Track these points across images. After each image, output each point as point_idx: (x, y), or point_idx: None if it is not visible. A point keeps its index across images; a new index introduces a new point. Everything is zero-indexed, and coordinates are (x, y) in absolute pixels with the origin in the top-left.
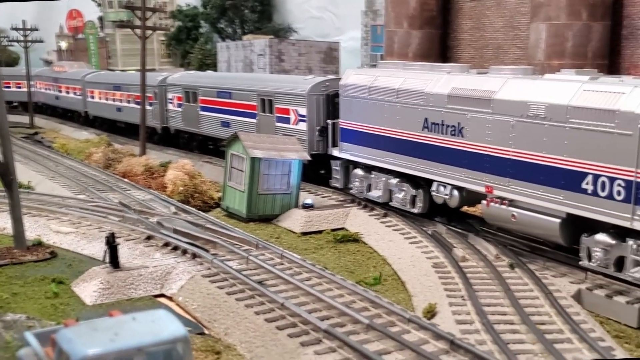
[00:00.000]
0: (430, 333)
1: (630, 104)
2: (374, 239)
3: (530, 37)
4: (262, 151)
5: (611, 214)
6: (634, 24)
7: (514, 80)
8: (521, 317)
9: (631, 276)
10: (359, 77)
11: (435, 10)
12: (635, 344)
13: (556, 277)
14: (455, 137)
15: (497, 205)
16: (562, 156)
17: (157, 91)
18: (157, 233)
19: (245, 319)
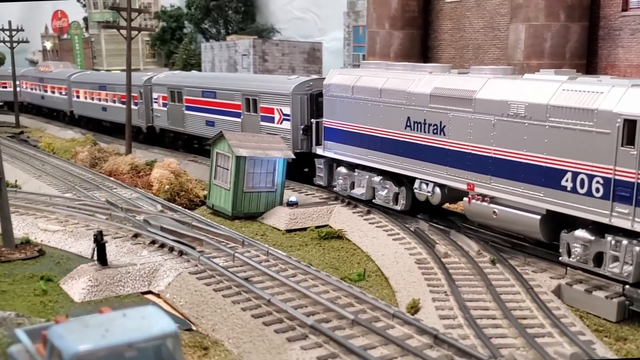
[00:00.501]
0: (414, 328)
1: (608, 103)
2: (358, 235)
3: (510, 37)
4: (247, 150)
5: (590, 210)
6: (610, 25)
7: (495, 80)
8: (503, 311)
9: (610, 271)
10: (342, 77)
11: (416, 11)
12: (614, 337)
13: (537, 272)
14: (437, 136)
15: (478, 202)
16: (542, 154)
17: (143, 91)
18: (144, 231)
19: (232, 315)
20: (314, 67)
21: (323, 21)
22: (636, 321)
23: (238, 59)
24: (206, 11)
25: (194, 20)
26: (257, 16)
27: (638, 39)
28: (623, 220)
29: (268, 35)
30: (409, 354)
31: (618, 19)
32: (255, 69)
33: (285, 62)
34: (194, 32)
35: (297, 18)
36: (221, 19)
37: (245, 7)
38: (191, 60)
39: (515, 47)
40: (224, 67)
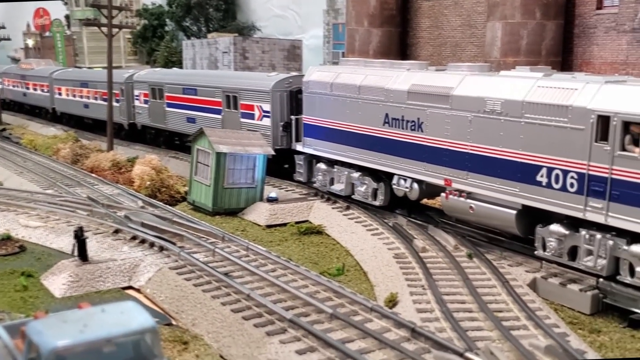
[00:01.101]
0: (392, 321)
1: (583, 100)
2: (337, 231)
3: (487, 35)
4: (227, 146)
5: (565, 205)
6: (585, 23)
7: (471, 77)
8: (479, 305)
9: (584, 265)
10: (321, 74)
11: (394, 9)
12: (588, 330)
13: (512, 266)
14: (415, 132)
15: (455, 197)
16: (518, 150)
17: (124, 88)
18: (125, 227)
19: (212, 310)
20: (294, 65)
21: (303, 19)
22: (610, 314)
23: (219, 56)
24: (187, 9)
25: (175, 18)
26: (238, 14)
27: (612, 36)
28: (597, 214)
29: (248, 33)
30: (386, 347)
31: (593, 17)
32: (236, 66)
33: (265, 59)
34: (175, 29)
35: (277, 16)
36: (202, 17)
37: (226, 5)
38: (172, 58)
39: (492, 45)
40: (205, 65)
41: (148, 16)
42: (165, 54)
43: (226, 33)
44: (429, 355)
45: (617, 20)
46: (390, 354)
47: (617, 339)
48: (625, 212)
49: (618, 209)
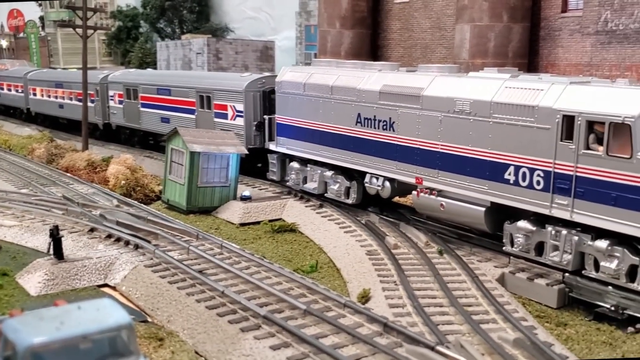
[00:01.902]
0: (364, 317)
1: (548, 100)
2: (310, 228)
3: (456, 37)
4: (201, 145)
5: (532, 202)
6: (550, 26)
7: (441, 78)
8: (450, 300)
9: (550, 260)
10: (294, 75)
11: (365, 11)
12: (555, 323)
13: (482, 262)
14: (386, 132)
15: (426, 195)
16: (487, 149)
17: (99, 88)
18: (100, 225)
19: (187, 307)
20: (267, 65)
21: (275, 20)
22: (575, 307)
23: (192, 57)
24: (161, 11)
25: (149, 19)
26: (211, 16)
27: (576, 39)
28: (562, 211)
29: (222, 34)
30: (359, 342)
31: (558, 20)
32: (210, 67)
33: (238, 60)
34: (150, 31)
35: (250, 17)
36: (176, 19)
37: (199, 7)
38: (147, 59)
39: (461, 47)
40: (179, 65)
41: (122, 18)
42: (139, 55)
43: (200, 34)
44: (401, 349)
45: (581, 23)
46: (363, 348)
47: (583, 332)
48: (589, 208)
49: (583, 205)
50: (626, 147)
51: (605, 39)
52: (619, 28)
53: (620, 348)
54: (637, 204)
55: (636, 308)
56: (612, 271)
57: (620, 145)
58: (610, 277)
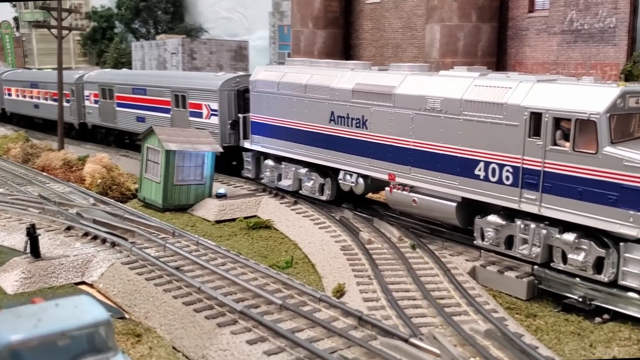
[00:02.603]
0: (339, 310)
1: (517, 98)
2: (285, 225)
3: (426, 37)
4: (176, 144)
5: (501, 197)
6: (518, 25)
7: (413, 77)
8: (423, 293)
9: (520, 253)
10: (268, 74)
11: (338, 11)
12: (524, 314)
13: (453, 255)
14: (359, 129)
15: (399, 191)
16: (457, 145)
17: (74, 88)
18: (77, 223)
19: (164, 303)
20: (241, 65)
21: (249, 21)
22: (544, 299)
23: (167, 57)
24: (136, 11)
25: (124, 20)
26: (186, 16)
27: (543, 38)
28: (531, 205)
29: (196, 34)
30: (335, 335)
31: (525, 20)
32: (184, 66)
33: (213, 60)
34: (125, 31)
35: (224, 18)
36: (151, 19)
37: (174, 8)
38: (122, 59)
39: (431, 46)
40: (154, 65)
41: (97, 18)
42: (114, 55)
43: (174, 35)
44: (376, 342)
45: (547, 23)
46: (339, 341)
47: (551, 323)
48: (556, 202)
49: (550, 200)
50: (592, 143)
51: (570, 38)
52: (584, 27)
53: (588, 338)
54: (603, 198)
55: (603, 299)
56: (580, 263)
57: (586, 141)
58: (577, 269)
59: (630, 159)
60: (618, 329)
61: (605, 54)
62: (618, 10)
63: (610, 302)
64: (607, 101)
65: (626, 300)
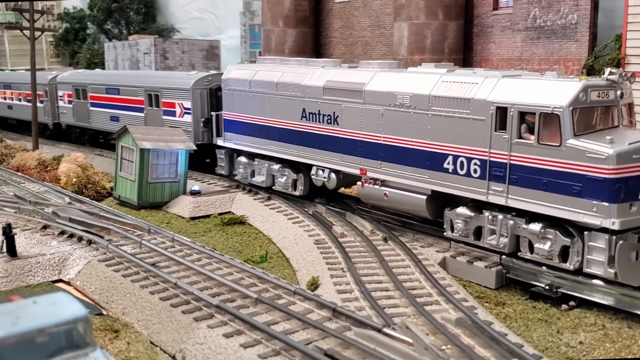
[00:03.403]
0: (314, 303)
1: (483, 93)
2: (259, 220)
3: (394, 35)
4: (150, 142)
5: (469, 189)
6: (483, 23)
7: (382, 73)
8: (395, 284)
9: (488, 243)
10: (240, 72)
11: (308, 10)
12: (494, 303)
13: (424, 247)
14: (331, 125)
15: (370, 185)
16: (426, 140)
17: (48, 89)
18: (53, 222)
19: (141, 299)
20: (213, 64)
21: (220, 20)
22: (512, 287)
23: (140, 57)
24: (108, 12)
25: (96, 21)
26: (158, 17)
27: (508, 35)
28: (498, 197)
29: (168, 34)
30: (310, 327)
31: (490, 17)
32: (157, 66)
33: (185, 59)
34: (97, 32)
35: (195, 18)
36: (123, 20)
37: (146, 9)
38: (95, 60)
39: (400, 44)
40: (127, 66)
41: (70, 20)
42: (87, 55)
43: (147, 35)
44: (350, 332)
45: (511, 20)
46: (314, 333)
47: (520, 311)
48: (522, 194)
49: (516, 191)
50: (555, 136)
51: (534, 35)
52: (546, 24)
53: (555, 324)
54: (567, 189)
55: (569, 286)
56: (546, 252)
57: (550, 134)
58: (544, 258)
59: (592, 150)
60: (584, 315)
61: (567, 49)
62: (579, 7)
63: (576, 290)
64: (569, 95)
65: (591, 287)
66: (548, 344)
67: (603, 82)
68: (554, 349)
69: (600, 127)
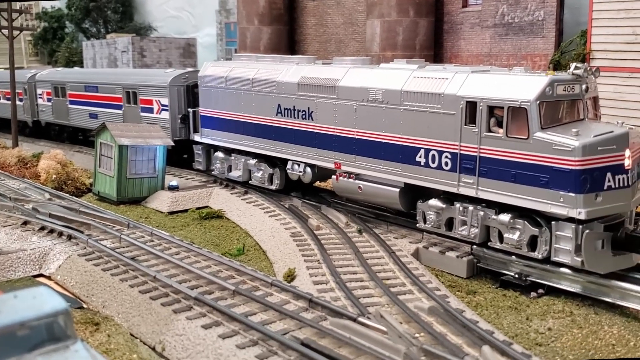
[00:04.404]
0: (291, 294)
1: (453, 88)
2: (236, 214)
3: (367, 32)
4: (128, 139)
5: (441, 182)
6: (453, 20)
7: (355, 70)
8: (369, 274)
9: (459, 234)
10: (216, 69)
11: (282, 8)
12: (465, 291)
13: (398, 238)
14: (306, 121)
15: (345, 179)
16: (399, 134)
17: (27, 87)
18: (34, 218)
19: (121, 292)
20: (190, 61)
21: (196, 19)
22: (483, 276)
23: (118, 55)
24: (86, 12)
25: (74, 20)
26: (135, 15)
27: (477, 31)
28: (468, 189)
29: (145, 32)
30: (286, 317)
31: (459, 15)
32: (135, 64)
33: (162, 57)
34: (75, 31)
35: (172, 16)
36: (101, 19)
37: (123, 8)
38: (73, 58)
39: (372, 41)
40: (105, 64)
41: (48, 19)
42: (66, 54)
43: (124, 33)
44: (326, 322)
45: (480, 17)
46: (290, 323)
47: (490, 299)
48: (492, 185)
49: (486, 183)
50: (523, 129)
51: (502, 31)
52: (514, 21)
53: (525, 311)
54: (535, 180)
55: (538, 275)
56: (515, 242)
57: (518, 127)
58: (513, 247)
59: (559, 143)
60: (552, 302)
61: (534, 45)
62: (546, 4)
63: (545, 278)
64: (536, 89)
65: (559, 275)
66: (518, 331)
67: (569, 76)
68: (523, 335)
69: (567, 120)
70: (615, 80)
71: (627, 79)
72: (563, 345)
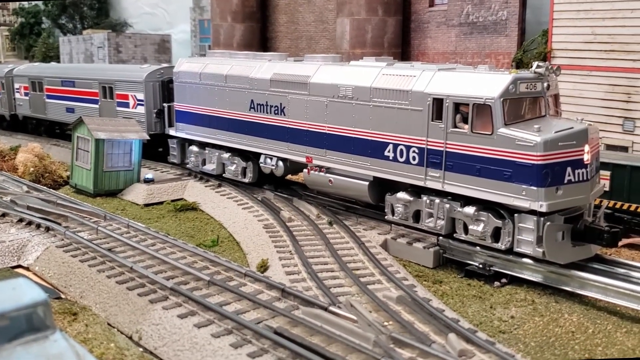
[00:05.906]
0: (264, 284)
1: (420, 85)
2: (210, 206)
3: (337, 30)
4: (105, 133)
5: (409, 175)
6: (420, 19)
7: (326, 67)
8: (340, 265)
9: (426, 226)
10: (190, 65)
11: (255, 6)
12: (432, 281)
13: (367, 230)
14: (278, 116)
15: (316, 172)
16: (368, 129)
17: (4, 82)
18: (12, 210)
19: (98, 283)
20: (164, 57)
21: (171, 15)
22: (449, 266)
23: (94, 51)
24: (62, 7)
25: (51, 16)
26: (111, 12)
27: (443, 30)
28: (435, 182)
29: (121, 29)
30: (260, 307)
31: (426, 14)
32: (111, 59)
33: (137, 53)
34: (52, 27)
35: (147, 13)
36: (77, 15)
37: (99, 4)
38: (50, 53)
39: (342, 38)
40: (82, 59)
41: (25, 14)
42: (43, 49)
43: (100, 29)
44: (298, 311)
45: (446, 16)
46: (264, 312)
47: (456, 288)
48: (458, 179)
49: (452, 177)
50: (488, 125)
51: (467, 30)
52: (479, 20)
53: (489, 300)
54: (498, 174)
55: (501, 265)
56: (479, 233)
57: (482, 123)
58: (477, 238)
59: (521, 138)
60: (515, 291)
61: (498, 44)
62: (509, 4)
63: (508, 268)
64: (500, 87)
65: (521, 265)
66: (482, 319)
67: (531, 74)
68: (487, 323)
69: (529, 116)
70: (575, 78)
71: (586, 76)
72: (525, 332)
